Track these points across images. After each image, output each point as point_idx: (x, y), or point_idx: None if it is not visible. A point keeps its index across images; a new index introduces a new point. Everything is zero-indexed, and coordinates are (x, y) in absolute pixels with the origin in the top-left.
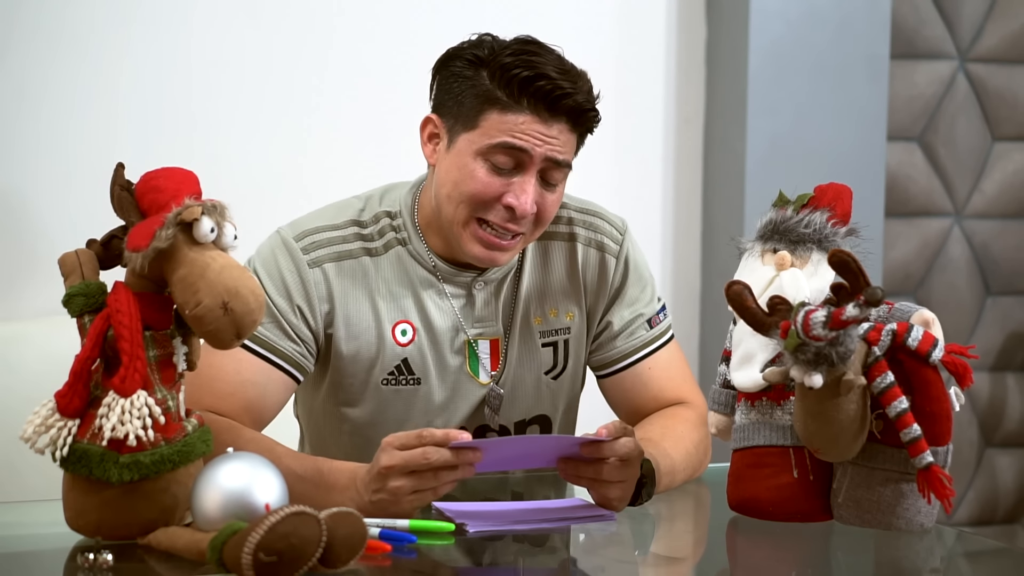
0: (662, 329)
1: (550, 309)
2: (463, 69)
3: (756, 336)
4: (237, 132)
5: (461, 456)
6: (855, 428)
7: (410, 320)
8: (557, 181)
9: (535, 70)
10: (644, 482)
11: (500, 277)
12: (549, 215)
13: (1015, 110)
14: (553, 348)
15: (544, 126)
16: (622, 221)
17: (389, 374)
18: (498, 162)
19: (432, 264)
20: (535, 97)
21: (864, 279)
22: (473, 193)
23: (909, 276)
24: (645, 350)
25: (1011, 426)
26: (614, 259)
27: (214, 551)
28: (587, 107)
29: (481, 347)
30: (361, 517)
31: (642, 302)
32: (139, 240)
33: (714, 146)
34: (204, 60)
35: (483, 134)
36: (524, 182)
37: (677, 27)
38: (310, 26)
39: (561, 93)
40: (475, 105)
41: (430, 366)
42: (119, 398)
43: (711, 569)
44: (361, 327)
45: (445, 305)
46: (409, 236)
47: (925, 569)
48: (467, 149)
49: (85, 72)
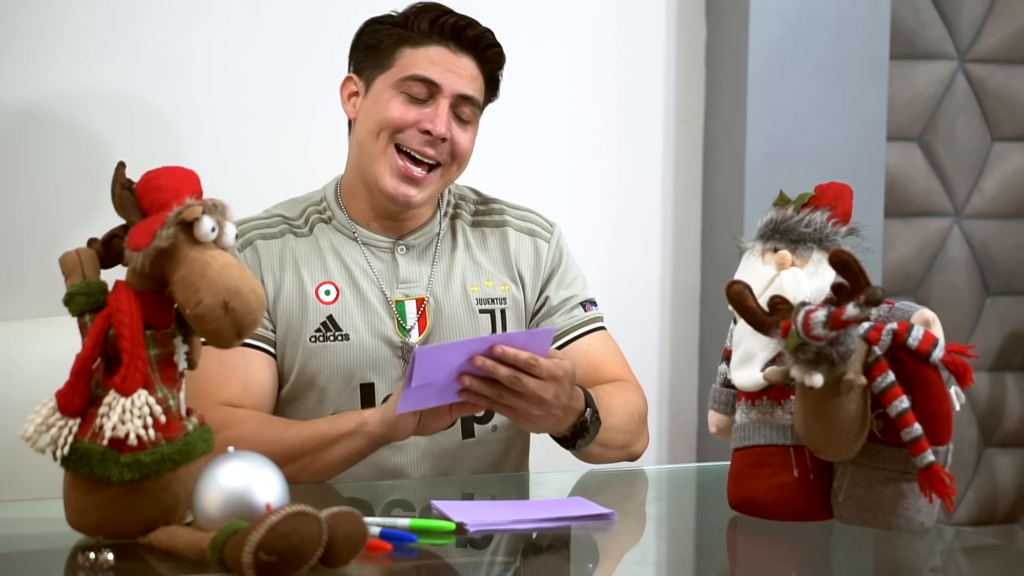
0: (595, 315)
1: (486, 280)
2: (379, 29)
3: (756, 335)
4: (238, 132)
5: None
6: (855, 428)
7: (333, 281)
8: (468, 118)
9: (441, 10)
10: (587, 424)
11: (422, 244)
12: (464, 151)
13: (1014, 110)
14: (491, 316)
15: (454, 56)
16: (554, 221)
17: (316, 331)
18: (412, 92)
19: (353, 231)
20: (442, 31)
21: (864, 279)
22: (390, 118)
23: (909, 276)
24: (583, 328)
25: (1010, 426)
26: (546, 244)
27: (215, 550)
28: (491, 41)
29: (408, 308)
30: (361, 517)
31: (576, 286)
32: (140, 239)
33: (714, 146)
34: (205, 59)
35: (398, 70)
36: (438, 107)
37: (677, 27)
38: (312, 26)
39: (465, 25)
40: (390, 48)
41: (358, 323)
42: (120, 397)
43: (711, 569)
44: (287, 294)
45: (368, 269)
46: (332, 212)
47: (925, 568)
48: (383, 87)
49: (85, 72)
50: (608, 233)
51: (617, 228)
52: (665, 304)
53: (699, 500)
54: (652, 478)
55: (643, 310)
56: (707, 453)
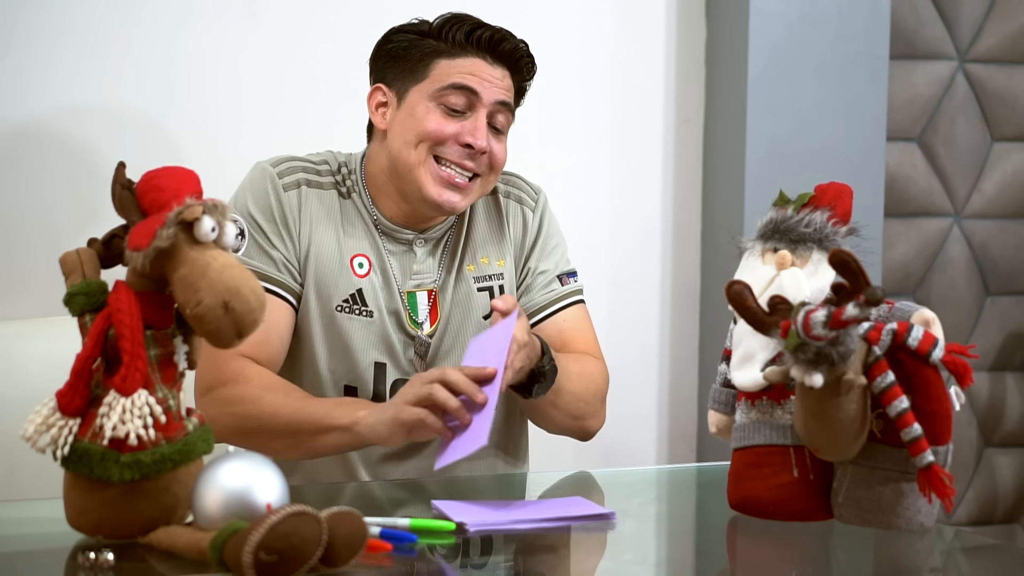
0: (573, 288)
1: (482, 257)
2: (405, 39)
3: (756, 335)
4: (238, 131)
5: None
6: (855, 428)
7: (367, 255)
8: (503, 127)
9: (475, 23)
10: (544, 370)
11: (439, 236)
12: (500, 161)
13: (1014, 110)
14: (489, 293)
15: (489, 67)
16: (539, 186)
17: (344, 301)
18: (450, 103)
19: (374, 218)
20: (478, 43)
21: (864, 279)
22: (429, 131)
23: (908, 276)
24: (559, 304)
25: (1010, 426)
26: (531, 212)
27: (215, 550)
28: (525, 52)
29: (420, 299)
30: (361, 517)
31: (555, 256)
32: (140, 239)
33: (714, 146)
34: (205, 59)
35: (434, 80)
36: (477, 119)
37: (677, 27)
38: (311, 26)
39: (500, 38)
40: (423, 59)
41: (381, 304)
42: (120, 397)
43: (711, 569)
44: (324, 251)
45: (388, 258)
46: (360, 190)
47: (925, 568)
48: (419, 98)
49: (85, 71)
50: (608, 233)
51: (617, 228)
52: (665, 304)
53: (699, 500)
54: (652, 478)
55: (643, 310)
56: (707, 453)
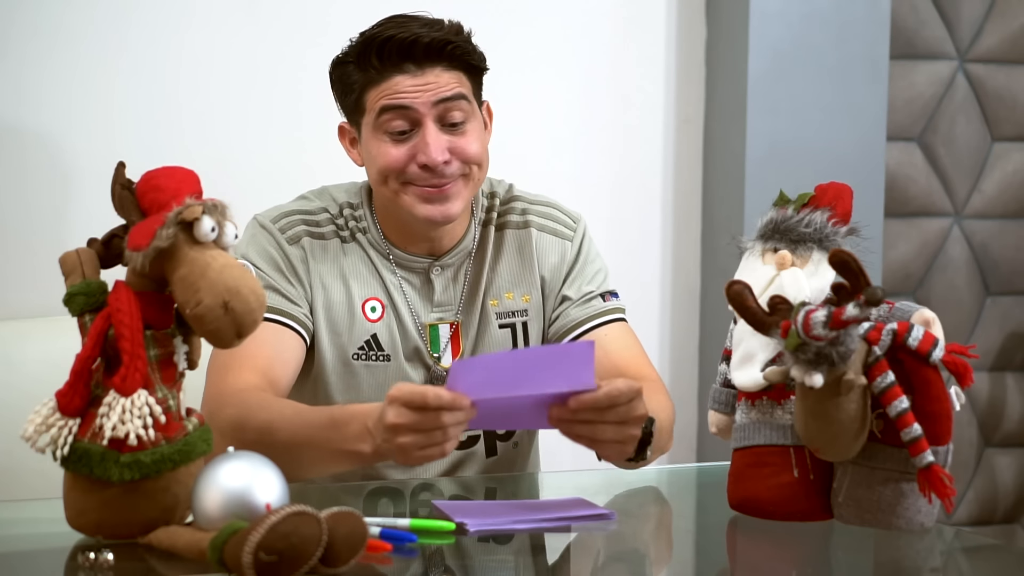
0: (615, 306)
1: (506, 292)
2: (340, 72)
3: (756, 335)
4: (238, 131)
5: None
6: (855, 428)
7: (379, 298)
8: (459, 119)
9: (381, 36)
10: (648, 441)
11: (457, 263)
12: (475, 154)
13: (1014, 110)
14: (511, 330)
15: (414, 78)
16: (578, 214)
17: (360, 348)
18: (392, 128)
19: (387, 252)
20: (392, 58)
21: (864, 279)
22: (385, 166)
23: (909, 276)
24: (601, 319)
25: (1010, 426)
26: (569, 243)
27: (214, 550)
28: (446, 40)
29: (442, 332)
30: (361, 517)
31: (596, 281)
32: (140, 239)
33: (714, 146)
34: (204, 59)
35: (370, 111)
36: (424, 136)
37: (677, 27)
38: (311, 25)
39: (412, 40)
40: (355, 93)
41: (398, 346)
42: (120, 397)
43: (711, 569)
44: (335, 300)
45: (406, 290)
46: (368, 226)
47: (925, 568)
48: (368, 133)
49: (84, 71)
50: (608, 233)
51: (617, 228)
52: (665, 304)
53: (699, 500)
54: (652, 478)
55: (643, 310)
56: (707, 453)
